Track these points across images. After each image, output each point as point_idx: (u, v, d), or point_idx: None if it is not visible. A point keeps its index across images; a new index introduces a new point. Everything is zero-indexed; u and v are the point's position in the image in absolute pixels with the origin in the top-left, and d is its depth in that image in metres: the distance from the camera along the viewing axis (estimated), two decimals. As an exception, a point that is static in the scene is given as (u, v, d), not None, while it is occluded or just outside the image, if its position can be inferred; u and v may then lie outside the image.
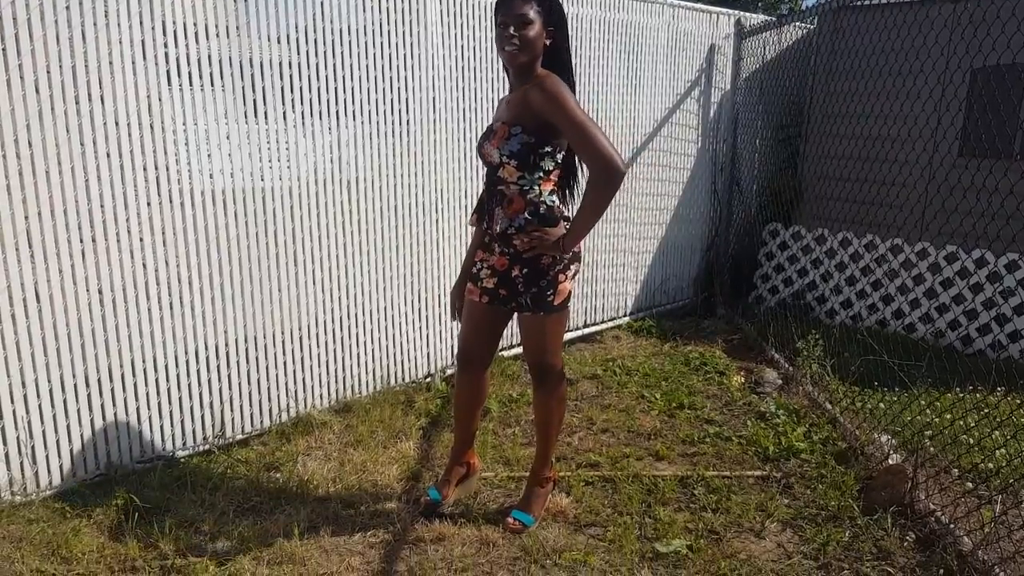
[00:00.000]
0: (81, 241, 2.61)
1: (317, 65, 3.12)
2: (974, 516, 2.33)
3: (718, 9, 5.16)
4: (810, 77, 5.17)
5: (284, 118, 3.07)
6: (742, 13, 5.32)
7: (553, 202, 2.32)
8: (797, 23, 5.14)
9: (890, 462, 2.78)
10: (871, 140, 4.56)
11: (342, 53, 3.20)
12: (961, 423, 2.99)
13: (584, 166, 2.23)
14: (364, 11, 3.26)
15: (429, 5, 3.48)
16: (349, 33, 3.21)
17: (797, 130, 5.40)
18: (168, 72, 2.74)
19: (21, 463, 2.57)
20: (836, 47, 4.94)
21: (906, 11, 4.22)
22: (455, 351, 2.58)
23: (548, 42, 2.22)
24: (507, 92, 2.41)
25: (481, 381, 2.53)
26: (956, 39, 3.87)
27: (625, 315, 4.89)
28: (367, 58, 3.29)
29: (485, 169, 2.39)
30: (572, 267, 2.35)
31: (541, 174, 2.28)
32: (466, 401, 2.55)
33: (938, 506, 2.44)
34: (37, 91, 2.45)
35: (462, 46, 3.65)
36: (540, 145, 2.24)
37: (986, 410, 3.09)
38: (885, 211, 4.63)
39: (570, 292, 2.38)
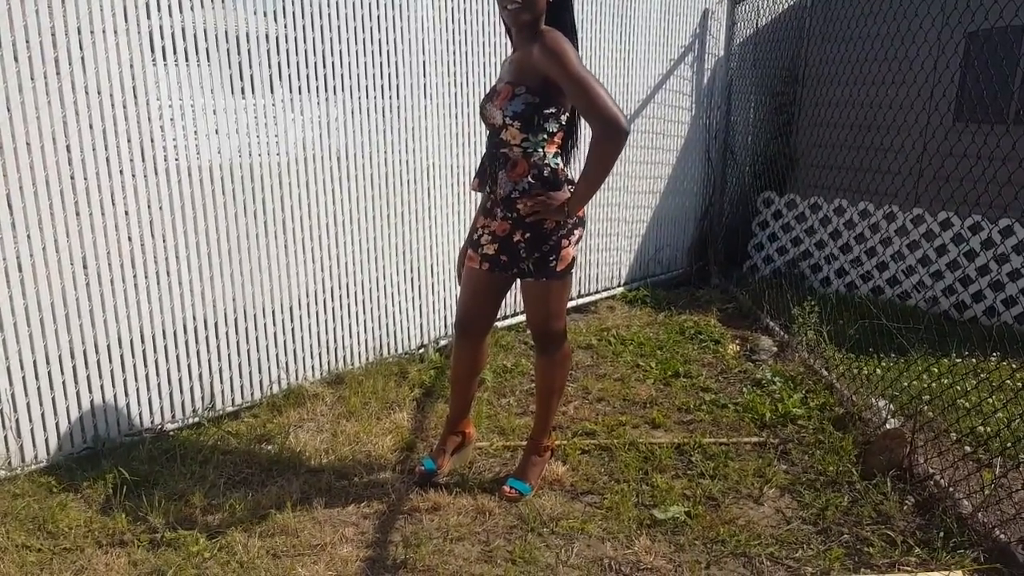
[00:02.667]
0: (64, 210, 2.52)
1: (312, 39, 3.02)
2: (973, 479, 2.32)
3: (712, -27, 5.06)
4: (804, 42, 5.09)
5: (272, 91, 2.98)
6: (736, -23, 5.21)
7: (557, 164, 2.26)
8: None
9: (888, 427, 2.76)
10: (865, 106, 4.50)
11: (335, 25, 3.10)
12: (958, 388, 2.98)
13: (586, 127, 2.13)
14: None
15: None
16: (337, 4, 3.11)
17: (791, 97, 5.34)
18: (152, 39, 2.64)
19: (5, 437, 2.51)
20: (829, 12, 4.86)
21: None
22: (450, 320, 2.52)
23: (550, 0, 2.16)
24: (509, 53, 2.33)
25: (480, 350, 2.48)
26: (951, 2, 3.80)
27: (619, 285, 4.85)
28: (359, 28, 3.19)
29: (487, 132, 2.32)
30: (576, 232, 2.30)
31: (545, 136, 2.22)
32: (464, 369, 2.51)
33: (937, 470, 2.43)
34: (16, 60, 2.35)
35: (452, 9, 3.55)
36: (544, 106, 2.17)
37: (983, 375, 3.07)
38: (880, 177, 4.59)
39: (574, 258, 2.32)
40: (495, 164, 2.28)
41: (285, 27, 2.99)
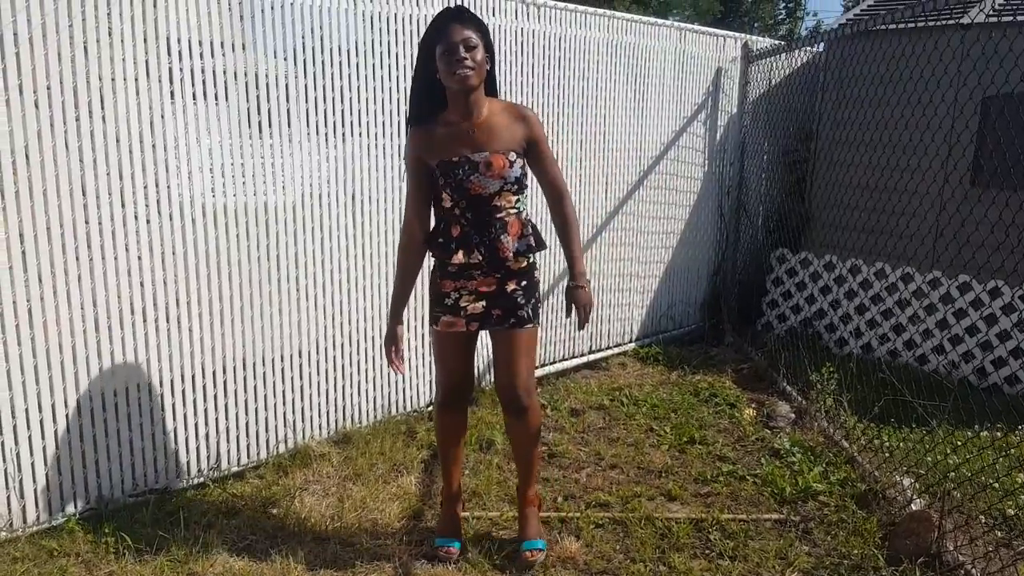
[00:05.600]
0: (78, 261, 2.51)
1: (325, 85, 3.05)
2: (1008, 572, 2.23)
3: (725, 32, 5.12)
4: (818, 103, 5.11)
5: (290, 140, 2.99)
6: (749, 36, 5.28)
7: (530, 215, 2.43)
8: (804, 48, 5.09)
9: (914, 508, 2.68)
10: (880, 169, 4.49)
11: (348, 74, 3.13)
12: (985, 465, 2.89)
13: (543, 186, 2.40)
14: (372, 31, 3.19)
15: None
16: (356, 54, 3.14)
17: (804, 155, 5.34)
18: (172, 92, 2.67)
19: (8, 498, 2.45)
20: (844, 73, 4.89)
21: (915, 38, 4.16)
22: (437, 380, 2.50)
23: (488, 67, 2.23)
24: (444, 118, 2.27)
25: (466, 414, 2.58)
26: (967, 67, 3.81)
27: (631, 341, 4.79)
28: (375, 79, 3.22)
29: (462, 204, 2.27)
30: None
31: (525, 194, 2.38)
32: (457, 439, 2.53)
33: (968, 558, 2.34)
34: (37, 107, 2.37)
35: None
36: (526, 168, 2.35)
37: (1010, 451, 2.99)
38: (896, 239, 4.56)
39: None
40: (491, 230, 2.28)
41: (308, 69, 3.01)
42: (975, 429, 3.25)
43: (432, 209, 2.36)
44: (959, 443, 2.99)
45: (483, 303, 2.31)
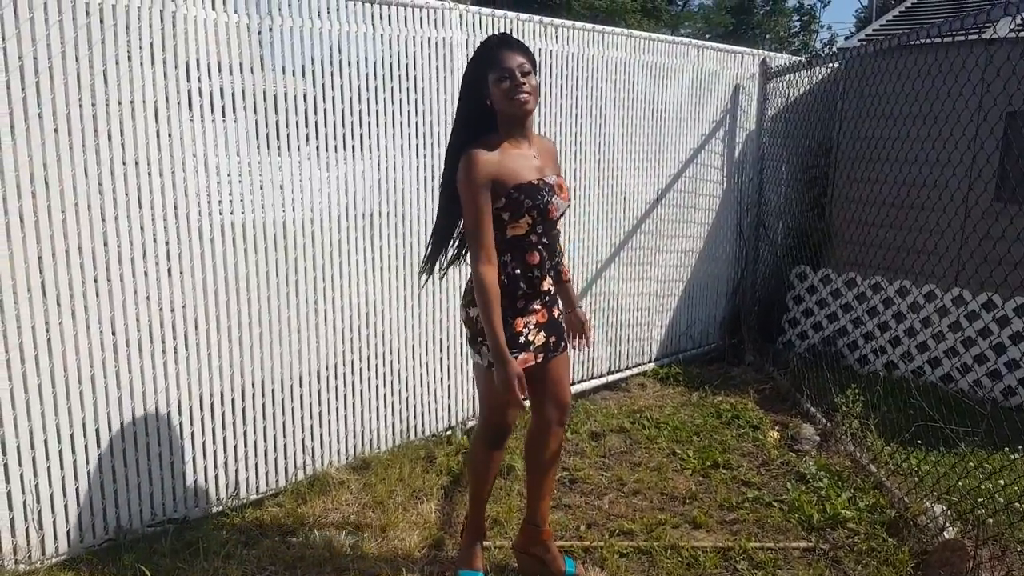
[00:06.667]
0: (97, 291, 2.50)
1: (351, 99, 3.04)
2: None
3: (743, 49, 5.09)
4: (837, 119, 5.06)
5: (302, 160, 2.99)
6: (767, 53, 5.24)
7: None
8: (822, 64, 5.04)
9: (946, 536, 2.60)
10: (902, 185, 4.43)
11: (374, 87, 3.13)
12: (1015, 489, 2.81)
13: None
14: (390, 54, 3.19)
15: (456, 52, 3.40)
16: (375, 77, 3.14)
17: (824, 171, 5.28)
18: (192, 118, 2.67)
19: (27, 529, 2.44)
20: (864, 89, 4.84)
21: (938, 53, 4.11)
22: (490, 422, 2.39)
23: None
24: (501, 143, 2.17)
25: None
26: (990, 81, 3.75)
27: (650, 361, 4.73)
28: (400, 91, 3.22)
29: (539, 228, 2.20)
30: None
31: None
32: (495, 475, 2.48)
33: (1006, 591, 2.27)
34: (56, 132, 2.37)
35: None
36: None
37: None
38: (918, 256, 4.48)
39: None
40: (556, 255, 2.33)
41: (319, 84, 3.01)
42: (1005, 452, 3.17)
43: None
44: (994, 468, 2.91)
45: (543, 333, 2.28)
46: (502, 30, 3.58)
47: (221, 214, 2.79)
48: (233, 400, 2.88)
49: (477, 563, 2.47)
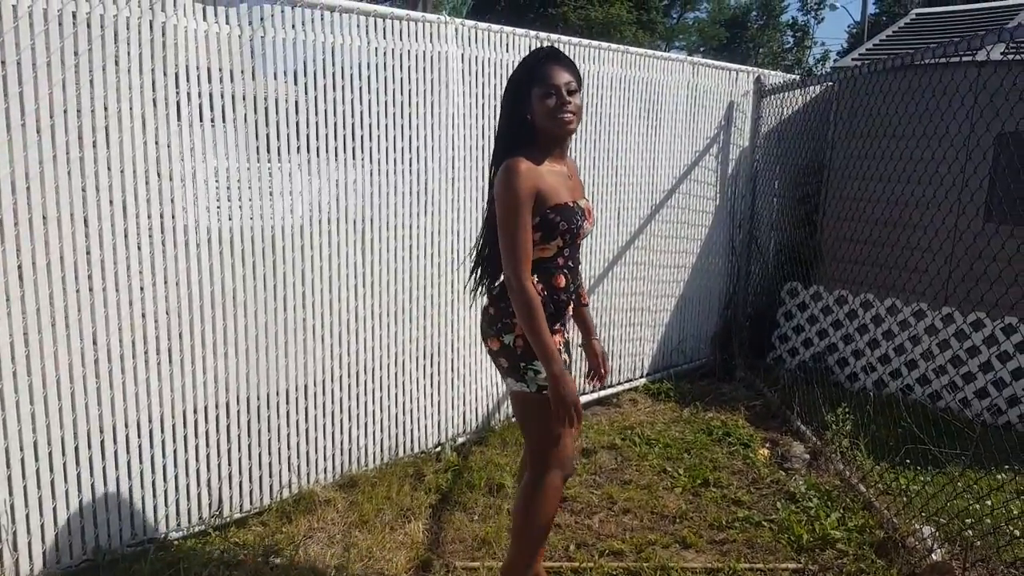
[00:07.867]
0: (79, 304, 2.45)
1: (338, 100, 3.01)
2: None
3: (738, 67, 5.10)
4: (830, 137, 5.08)
5: (292, 171, 2.96)
6: (761, 71, 5.26)
7: None
8: (817, 83, 5.06)
9: (934, 557, 2.59)
10: (893, 204, 4.44)
11: (368, 98, 3.10)
12: (1003, 511, 2.80)
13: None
14: (385, 66, 3.17)
15: (451, 66, 3.39)
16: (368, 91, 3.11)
17: (816, 188, 5.30)
18: (180, 126, 2.63)
19: (1, 551, 2.37)
20: (857, 108, 4.86)
21: (930, 74, 4.13)
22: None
23: None
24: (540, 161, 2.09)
25: None
26: (982, 103, 3.77)
27: (642, 376, 4.71)
28: (394, 105, 3.19)
29: (566, 252, 2.14)
30: None
31: None
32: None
33: (997, 618, 2.24)
34: (40, 137, 2.33)
35: (483, 84, 3.54)
36: None
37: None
38: (907, 275, 4.49)
39: None
40: (579, 278, 2.25)
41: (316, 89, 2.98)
42: (992, 471, 3.16)
43: None
44: (982, 490, 2.90)
45: (565, 355, 2.17)
46: (498, 44, 3.57)
47: (208, 225, 2.75)
48: (217, 416, 2.83)
49: None
